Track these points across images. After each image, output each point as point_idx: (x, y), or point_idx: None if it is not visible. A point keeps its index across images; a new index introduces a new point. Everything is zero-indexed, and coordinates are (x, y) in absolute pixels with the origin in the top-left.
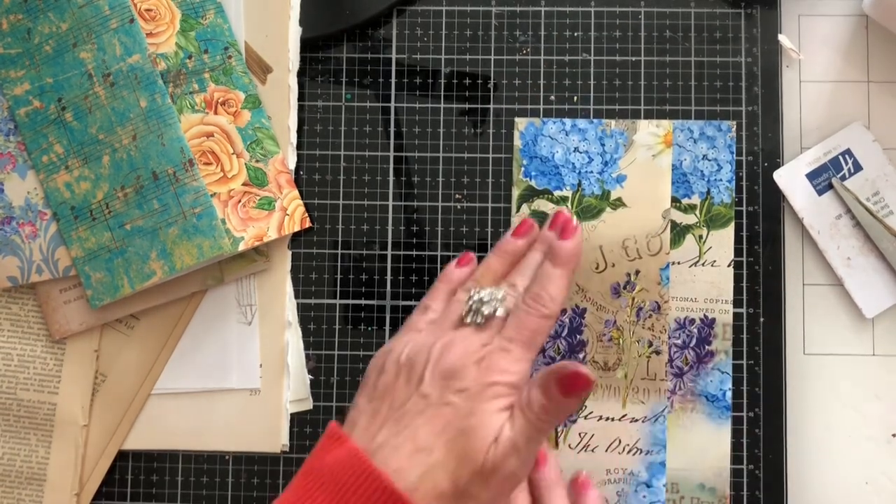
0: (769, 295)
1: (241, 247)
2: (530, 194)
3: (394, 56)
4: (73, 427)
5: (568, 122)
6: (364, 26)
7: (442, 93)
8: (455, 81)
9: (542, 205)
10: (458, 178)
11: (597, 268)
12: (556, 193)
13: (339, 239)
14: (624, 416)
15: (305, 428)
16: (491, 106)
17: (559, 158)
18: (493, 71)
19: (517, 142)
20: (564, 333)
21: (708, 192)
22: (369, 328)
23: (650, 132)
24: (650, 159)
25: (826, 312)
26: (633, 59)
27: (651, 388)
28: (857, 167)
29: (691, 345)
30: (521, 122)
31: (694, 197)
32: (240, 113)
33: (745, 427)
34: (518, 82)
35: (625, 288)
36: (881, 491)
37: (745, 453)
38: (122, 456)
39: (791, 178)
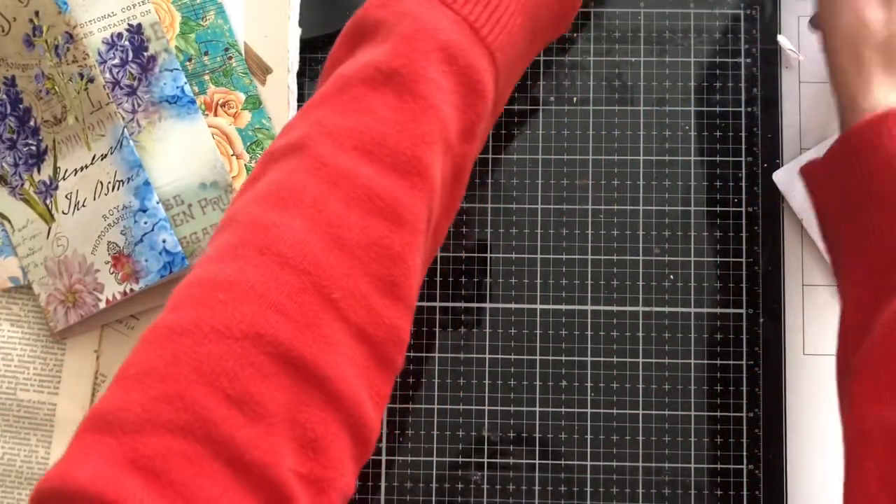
0: (768, 295)
1: None
2: None
3: None
4: (73, 427)
5: None
6: None
7: None
8: None
9: None
10: None
11: (2, 31)
12: None
13: None
14: (94, 157)
15: None
16: None
17: None
18: None
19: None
20: (9, 111)
21: None
22: None
23: None
24: None
25: (826, 312)
26: (633, 59)
27: (103, 118)
28: None
29: (130, 59)
30: None
31: None
32: (240, 114)
33: (744, 427)
34: (518, 83)
35: (34, 35)
36: None
37: (744, 453)
38: None
39: (790, 179)
